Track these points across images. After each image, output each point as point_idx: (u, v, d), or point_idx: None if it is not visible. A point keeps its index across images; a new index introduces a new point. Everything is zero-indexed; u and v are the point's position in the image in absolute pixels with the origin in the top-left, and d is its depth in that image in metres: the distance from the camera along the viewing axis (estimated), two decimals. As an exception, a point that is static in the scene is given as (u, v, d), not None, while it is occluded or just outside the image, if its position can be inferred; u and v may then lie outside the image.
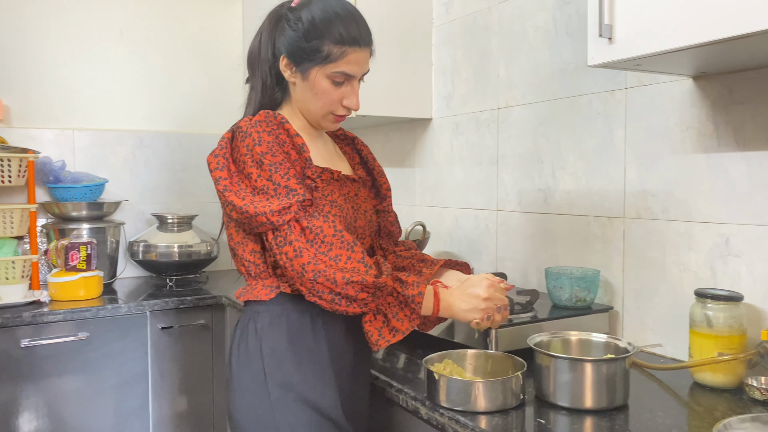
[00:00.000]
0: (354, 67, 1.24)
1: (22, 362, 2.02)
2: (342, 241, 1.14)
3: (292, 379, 1.18)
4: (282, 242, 1.13)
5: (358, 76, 1.27)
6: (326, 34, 1.21)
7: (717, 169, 1.41)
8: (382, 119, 2.35)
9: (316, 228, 1.14)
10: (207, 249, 2.57)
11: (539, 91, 1.85)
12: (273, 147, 1.17)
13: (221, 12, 2.95)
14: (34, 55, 2.56)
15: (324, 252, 1.12)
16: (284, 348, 1.20)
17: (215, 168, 1.18)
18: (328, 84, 1.24)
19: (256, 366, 1.19)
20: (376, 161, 1.47)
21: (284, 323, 1.21)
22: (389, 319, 1.16)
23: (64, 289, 2.19)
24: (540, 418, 1.12)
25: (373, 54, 1.31)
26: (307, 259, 1.11)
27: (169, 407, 2.28)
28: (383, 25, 2.18)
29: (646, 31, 1.14)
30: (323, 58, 1.22)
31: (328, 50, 1.22)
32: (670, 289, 1.51)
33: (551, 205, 1.82)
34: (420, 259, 1.42)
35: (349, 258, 1.13)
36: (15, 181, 2.27)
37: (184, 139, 2.86)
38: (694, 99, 1.45)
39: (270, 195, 1.14)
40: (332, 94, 1.25)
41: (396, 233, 1.48)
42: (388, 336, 1.16)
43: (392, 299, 1.17)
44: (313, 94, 1.26)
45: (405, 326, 1.16)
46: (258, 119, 1.20)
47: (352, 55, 1.23)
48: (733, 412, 1.15)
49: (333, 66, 1.23)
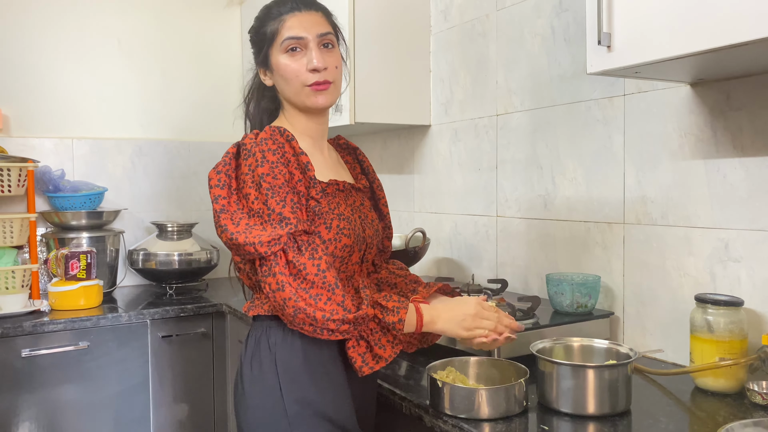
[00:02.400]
0: (297, 29, 1.24)
1: (23, 372, 2.01)
2: (324, 282, 1.12)
3: (309, 395, 1.17)
4: (267, 272, 1.13)
5: (308, 36, 1.25)
6: (265, 18, 1.28)
7: (715, 175, 1.42)
8: (381, 126, 2.36)
9: (300, 264, 1.12)
10: (207, 257, 2.57)
11: (538, 97, 1.86)
12: (275, 168, 1.15)
13: (219, 20, 2.95)
14: (33, 64, 2.56)
15: (305, 289, 1.11)
16: (299, 364, 1.18)
17: (215, 185, 1.16)
18: (286, 58, 1.25)
19: (271, 382, 1.18)
20: (376, 174, 1.46)
21: (297, 338, 1.19)
22: (372, 346, 1.16)
23: (65, 298, 2.19)
24: (543, 425, 1.13)
25: (332, 18, 1.32)
26: (289, 294, 1.10)
27: (170, 415, 2.27)
28: (381, 32, 2.19)
29: (644, 39, 1.15)
30: (269, 38, 1.26)
31: (270, 29, 1.26)
32: (671, 295, 1.52)
33: (551, 211, 1.83)
34: (413, 280, 1.42)
35: (329, 299, 1.12)
36: (15, 191, 2.27)
37: (182, 147, 2.86)
38: (692, 105, 1.46)
39: (264, 220, 1.14)
40: (292, 64, 1.25)
41: (389, 250, 1.48)
42: (372, 363, 1.16)
43: (374, 325, 1.16)
44: (281, 77, 1.27)
45: (388, 353, 1.16)
46: (263, 136, 1.18)
47: (291, 20, 1.25)
48: (734, 416, 1.16)
49: (279, 38, 1.25)
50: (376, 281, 1.43)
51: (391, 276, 1.43)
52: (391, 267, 1.47)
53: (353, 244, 1.24)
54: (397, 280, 1.42)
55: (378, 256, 1.45)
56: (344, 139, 1.47)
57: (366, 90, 2.15)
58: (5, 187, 2.25)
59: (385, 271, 1.45)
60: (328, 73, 1.26)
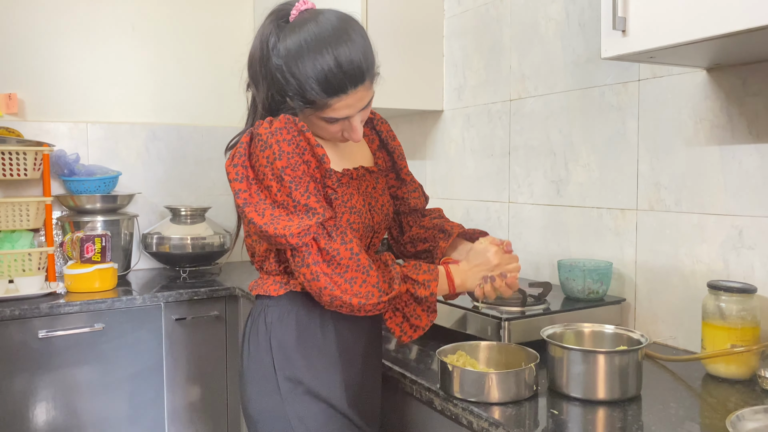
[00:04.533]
0: (343, 111, 1.16)
1: (40, 353, 2.05)
2: (358, 265, 1.14)
3: (301, 374, 1.20)
4: (300, 263, 1.14)
5: (352, 115, 1.18)
6: (306, 82, 1.12)
7: (730, 161, 1.41)
8: (393, 111, 2.36)
9: (333, 250, 1.14)
10: (220, 241, 2.58)
11: (551, 82, 1.85)
12: (293, 159, 1.14)
13: (232, 5, 2.95)
14: (48, 50, 2.58)
15: (339, 274, 1.13)
16: (292, 343, 1.21)
17: (234, 179, 1.15)
18: (324, 123, 1.19)
19: (266, 359, 1.21)
20: (396, 141, 1.43)
21: (293, 319, 1.22)
22: (408, 317, 1.19)
23: (80, 280, 2.22)
24: (553, 409, 1.13)
25: (376, 78, 1.21)
26: (324, 284, 1.12)
27: (183, 397, 2.31)
28: (394, 17, 2.18)
29: (660, 23, 1.14)
30: (309, 102, 1.15)
31: (311, 98, 1.14)
32: (683, 281, 1.51)
33: (564, 197, 1.82)
34: (441, 229, 1.42)
35: (364, 282, 1.14)
36: (30, 174, 2.30)
37: (196, 131, 2.88)
38: (707, 91, 1.45)
39: (290, 211, 1.14)
40: (329, 128, 1.20)
41: (421, 206, 1.49)
42: (410, 332, 1.20)
43: (408, 297, 1.19)
44: (313, 126, 1.22)
45: (424, 322, 1.19)
46: (278, 126, 1.15)
47: (339, 104, 1.15)
48: (746, 403, 1.16)
49: (321, 113, 1.17)
50: (410, 239, 1.46)
51: (421, 231, 1.45)
52: (424, 220, 1.47)
53: (361, 236, 1.27)
54: (426, 234, 1.44)
55: (411, 216, 1.48)
56: None
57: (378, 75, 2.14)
58: (21, 170, 2.28)
59: (416, 227, 1.46)
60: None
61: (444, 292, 1.24)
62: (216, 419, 2.38)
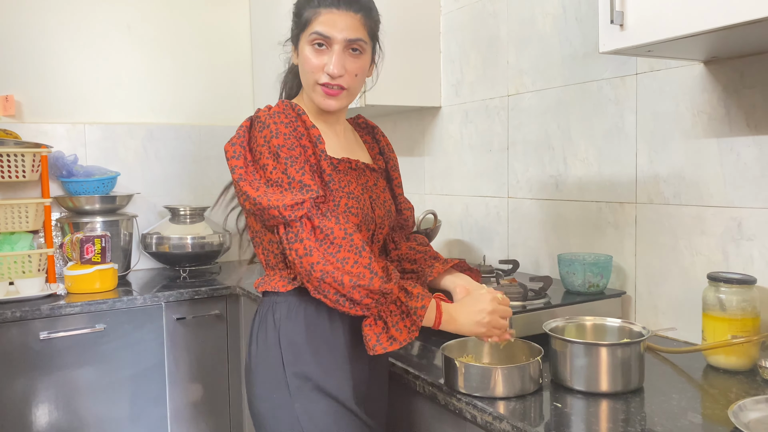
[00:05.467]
0: (327, 27, 1.22)
1: (41, 354, 2.05)
2: (351, 245, 1.14)
3: (309, 370, 1.20)
4: (293, 238, 1.14)
5: (335, 38, 1.22)
6: (305, 2, 1.25)
7: (728, 153, 1.41)
8: (391, 108, 2.36)
9: (327, 229, 1.14)
10: (219, 240, 2.59)
11: (549, 77, 1.85)
12: (289, 139, 1.17)
13: (229, 4, 2.94)
14: (45, 51, 2.57)
15: (332, 253, 1.13)
16: (301, 339, 1.21)
17: (231, 156, 1.19)
18: (309, 50, 1.24)
19: (275, 355, 1.21)
20: (393, 153, 1.46)
21: (302, 314, 1.22)
22: (389, 327, 1.15)
23: (80, 281, 2.22)
24: (556, 402, 1.14)
25: (370, 27, 1.28)
26: (317, 258, 1.12)
27: (185, 396, 2.31)
28: (390, 13, 2.17)
29: (657, 17, 1.14)
30: (303, 23, 1.25)
31: (306, 15, 1.24)
32: (683, 274, 1.52)
33: (563, 192, 1.83)
34: (433, 256, 1.42)
35: (356, 262, 1.13)
36: (29, 176, 2.30)
37: (193, 131, 2.88)
38: (705, 83, 1.45)
39: (284, 188, 1.15)
40: (312, 60, 1.24)
41: (410, 227, 1.49)
42: (386, 344, 1.15)
43: (395, 308, 1.16)
44: (301, 65, 1.28)
45: (403, 337, 1.15)
46: (276, 110, 1.21)
47: (326, 16, 1.22)
48: (747, 393, 1.16)
49: (309, 28, 1.24)
50: (397, 257, 1.44)
51: (411, 252, 1.44)
52: (412, 242, 1.48)
53: (360, 223, 1.26)
54: (416, 256, 1.43)
55: (398, 233, 1.47)
56: (363, 118, 1.48)
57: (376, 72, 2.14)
58: (20, 172, 2.27)
59: (406, 246, 1.46)
60: (344, 79, 1.25)
61: (429, 322, 1.19)
62: (218, 418, 2.38)
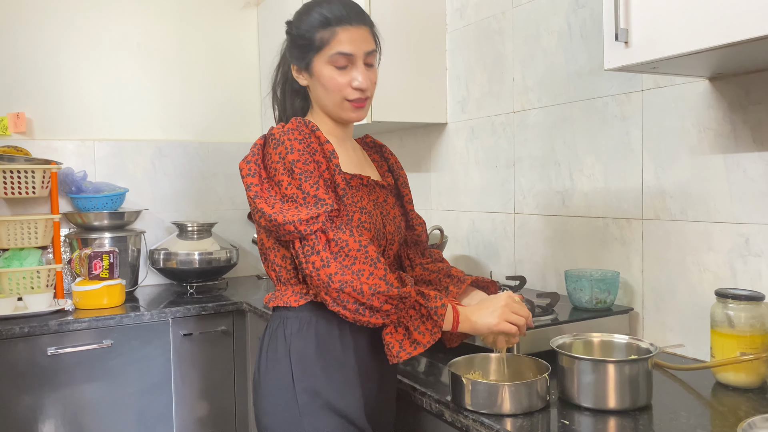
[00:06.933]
0: (348, 45, 1.24)
1: (48, 370, 2.05)
2: (366, 256, 1.15)
3: (319, 387, 1.20)
4: (309, 251, 1.15)
5: (357, 54, 1.25)
6: (316, 24, 1.24)
7: (735, 169, 1.41)
8: (397, 125, 2.37)
9: (342, 241, 1.15)
10: (227, 256, 2.59)
11: (555, 94, 1.86)
12: (304, 155, 1.18)
13: (236, 22, 2.98)
14: (56, 69, 2.61)
15: (347, 265, 1.13)
16: (312, 355, 1.21)
17: (247, 174, 1.20)
18: (331, 70, 1.25)
19: (285, 371, 1.21)
20: (402, 171, 1.48)
21: (312, 330, 1.22)
22: (411, 332, 1.16)
23: (88, 297, 2.23)
24: (564, 420, 1.14)
25: (377, 35, 1.31)
26: (335, 269, 1.12)
27: (191, 412, 2.31)
28: (397, 31, 2.20)
29: (662, 34, 1.15)
30: (317, 46, 1.24)
31: (320, 36, 1.24)
32: (690, 290, 1.51)
33: (569, 207, 1.83)
34: (447, 274, 1.42)
35: (371, 273, 1.13)
36: (39, 192, 2.32)
37: (201, 147, 2.90)
38: (710, 100, 1.46)
39: (299, 203, 1.16)
40: (338, 78, 1.26)
41: (424, 242, 1.49)
42: (409, 348, 1.15)
43: (414, 312, 1.17)
44: (322, 86, 1.28)
45: (426, 339, 1.15)
46: (290, 127, 1.21)
47: (343, 34, 1.23)
48: (756, 411, 1.15)
49: (328, 49, 1.24)
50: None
51: (425, 272, 1.45)
52: (427, 258, 1.48)
53: (373, 238, 1.26)
54: (431, 276, 1.44)
55: (413, 250, 1.47)
56: (371, 137, 1.49)
57: (382, 88, 2.14)
58: (30, 188, 2.30)
59: (419, 268, 1.46)
60: (369, 90, 1.29)
61: (448, 325, 1.20)
62: (225, 434, 2.38)
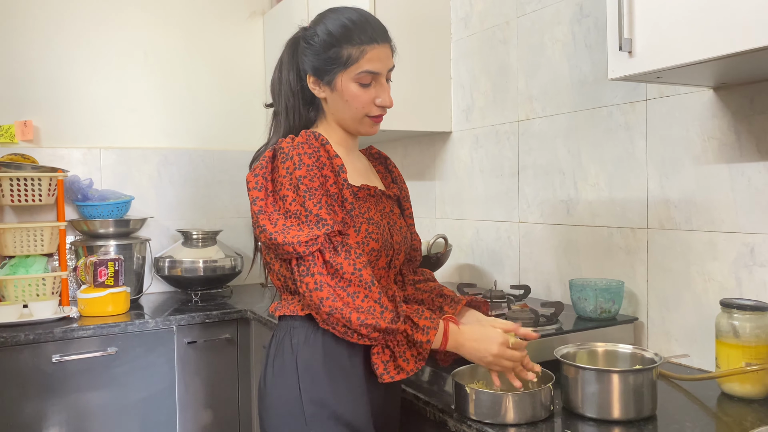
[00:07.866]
0: (376, 63, 1.26)
1: (53, 377, 2.06)
2: (360, 280, 1.15)
3: (326, 397, 1.19)
4: (305, 272, 1.15)
5: (383, 72, 1.28)
6: (343, 39, 1.25)
7: (739, 179, 1.41)
8: (402, 133, 2.38)
9: (336, 264, 1.15)
10: (231, 264, 2.60)
11: (559, 103, 1.87)
12: (312, 170, 1.18)
13: (242, 31, 3.00)
14: (63, 77, 2.63)
15: (342, 287, 1.14)
16: (319, 365, 1.20)
17: (253, 187, 1.20)
18: (356, 87, 1.26)
19: (292, 382, 1.20)
20: (405, 185, 1.49)
21: (320, 339, 1.21)
22: (396, 357, 1.17)
23: (93, 305, 2.23)
24: (568, 429, 1.13)
25: (395, 51, 1.32)
26: (327, 294, 1.13)
27: (195, 420, 2.30)
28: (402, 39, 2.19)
29: (666, 44, 1.15)
30: (344, 62, 1.25)
31: (348, 53, 1.24)
32: (695, 300, 1.51)
33: (574, 217, 1.83)
34: (439, 294, 1.42)
35: (366, 297, 1.14)
36: (45, 200, 2.33)
37: (207, 155, 2.91)
38: (715, 109, 1.46)
39: (301, 221, 1.16)
40: (362, 96, 1.27)
41: (417, 259, 1.50)
42: (393, 372, 1.17)
43: (402, 338, 1.18)
44: (344, 101, 1.28)
45: (410, 367, 1.16)
46: (300, 140, 1.21)
47: (372, 53, 1.25)
48: (761, 422, 1.15)
49: (355, 67, 1.25)
50: (404, 298, 1.43)
51: (417, 293, 1.45)
52: (418, 276, 1.48)
53: (380, 248, 1.27)
54: (423, 296, 1.43)
55: (406, 266, 1.47)
56: (376, 149, 1.50)
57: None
58: (36, 196, 2.31)
59: (412, 288, 1.46)
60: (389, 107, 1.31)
61: (437, 345, 1.20)
62: (228, 443, 2.37)
